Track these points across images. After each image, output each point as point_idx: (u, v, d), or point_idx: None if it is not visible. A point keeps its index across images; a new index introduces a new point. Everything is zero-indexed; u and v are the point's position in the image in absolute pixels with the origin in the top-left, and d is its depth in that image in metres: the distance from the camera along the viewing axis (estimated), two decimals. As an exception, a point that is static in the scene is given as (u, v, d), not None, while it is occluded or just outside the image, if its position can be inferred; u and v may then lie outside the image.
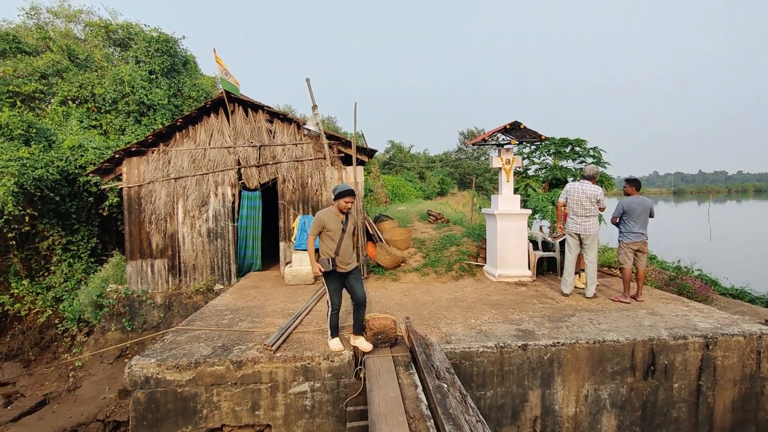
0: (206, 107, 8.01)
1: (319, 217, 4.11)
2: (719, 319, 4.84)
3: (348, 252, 4.20)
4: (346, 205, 4.09)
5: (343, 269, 4.18)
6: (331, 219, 4.11)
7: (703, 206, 49.60)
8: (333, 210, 4.15)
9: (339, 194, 4.06)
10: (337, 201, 4.09)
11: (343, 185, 4.11)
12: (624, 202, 5.79)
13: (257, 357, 4.04)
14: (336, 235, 4.10)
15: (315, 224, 4.12)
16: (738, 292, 8.30)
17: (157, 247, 8.02)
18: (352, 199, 4.11)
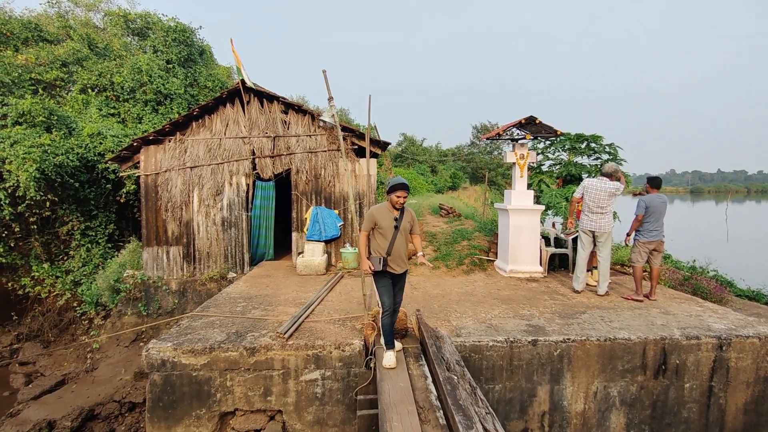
0: (222, 97, 8.09)
1: (372, 213, 3.87)
2: (734, 321, 4.78)
3: (400, 253, 3.89)
4: (398, 200, 3.76)
5: (395, 270, 3.89)
6: (383, 215, 3.83)
7: (720, 206, 48.63)
8: (386, 206, 3.88)
9: (391, 188, 3.77)
10: (389, 195, 3.80)
11: (396, 179, 3.77)
12: (645, 200, 5.65)
13: (270, 344, 4.12)
14: (388, 233, 3.82)
15: (367, 220, 3.88)
16: (754, 294, 8.17)
17: (173, 234, 8.17)
18: (404, 193, 3.76)
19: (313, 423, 4.15)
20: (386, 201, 3.90)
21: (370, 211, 3.89)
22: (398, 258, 3.89)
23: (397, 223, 3.84)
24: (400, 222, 3.85)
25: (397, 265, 3.90)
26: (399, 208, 3.84)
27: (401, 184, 3.75)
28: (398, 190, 3.74)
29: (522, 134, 7.12)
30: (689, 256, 9.87)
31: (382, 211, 3.85)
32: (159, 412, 4.09)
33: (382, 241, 3.84)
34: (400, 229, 3.85)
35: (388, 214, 3.84)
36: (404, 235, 3.92)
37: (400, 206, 3.83)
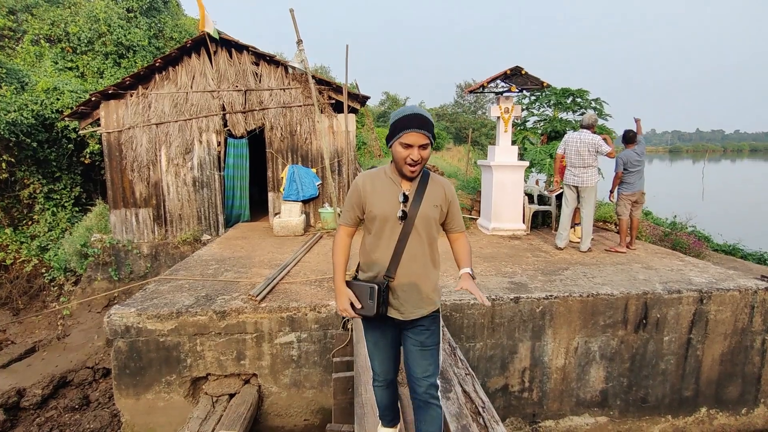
0: (187, 47, 7.46)
1: (356, 188, 1.97)
2: (714, 274, 4.76)
3: (417, 273, 1.92)
4: (411, 155, 1.79)
5: (402, 314, 1.94)
6: (380, 191, 1.93)
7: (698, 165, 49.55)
8: (386, 172, 1.95)
9: (397, 124, 1.80)
10: (393, 145, 1.84)
11: (408, 108, 1.84)
12: (621, 156, 5.79)
13: (241, 307, 3.91)
14: (389, 230, 1.91)
15: (348, 203, 2.01)
16: (731, 249, 8.29)
17: (141, 195, 7.74)
18: (424, 138, 1.79)
19: (289, 385, 4.03)
20: (387, 165, 1.99)
21: (355, 182, 1.99)
22: (411, 286, 1.92)
23: (406, 208, 1.88)
24: (417, 205, 1.88)
25: (409, 301, 1.92)
26: (413, 176, 1.87)
27: (417, 117, 1.77)
28: (411, 129, 1.76)
29: (507, 86, 6.79)
30: (669, 213, 9.93)
31: (376, 184, 1.94)
32: (126, 379, 3.90)
33: (378, 246, 1.93)
34: (415, 220, 1.88)
35: (390, 189, 1.91)
36: (426, 233, 1.92)
37: (416, 172, 1.85)
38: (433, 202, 1.90)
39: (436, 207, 1.90)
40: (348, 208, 2.00)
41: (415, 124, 1.74)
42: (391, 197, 1.89)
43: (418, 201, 1.87)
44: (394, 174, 1.91)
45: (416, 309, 1.92)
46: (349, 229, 2.02)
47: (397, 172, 1.88)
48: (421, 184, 1.89)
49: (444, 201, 1.93)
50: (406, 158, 1.78)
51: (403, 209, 1.86)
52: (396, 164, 1.85)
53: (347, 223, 2.01)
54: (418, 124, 1.74)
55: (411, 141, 1.76)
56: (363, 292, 1.89)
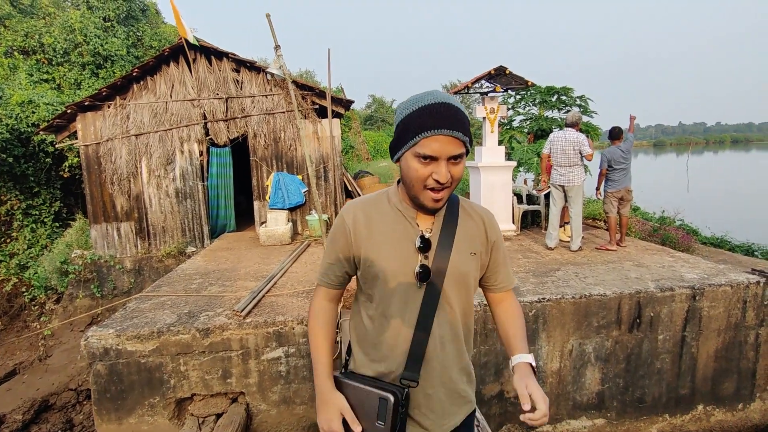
0: (164, 56, 7.29)
1: (342, 226, 1.24)
2: (706, 270, 4.73)
3: (449, 364, 1.23)
4: (438, 174, 1.06)
5: (424, 430, 1.21)
6: (383, 232, 1.21)
7: (681, 158, 50.29)
8: (392, 199, 1.24)
9: (413, 122, 1.06)
10: (405, 156, 1.11)
11: (429, 95, 1.08)
12: (605, 153, 5.80)
13: (226, 324, 3.76)
14: (400, 296, 1.19)
15: (328, 249, 1.30)
16: (718, 241, 8.32)
17: (122, 209, 7.54)
18: (457, 146, 1.06)
19: (279, 402, 3.89)
20: (392, 188, 1.28)
21: (341, 216, 1.26)
22: (441, 387, 1.22)
23: (428, 261, 1.18)
24: (444, 256, 1.19)
25: (438, 410, 1.22)
26: (437, 207, 1.15)
27: (446, 109, 1.04)
28: (438, 131, 1.04)
29: (492, 86, 6.74)
30: (656, 207, 9.97)
31: (375, 220, 1.22)
32: (107, 404, 3.73)
33: (385, 327, 1.22)
34: (444, 280, 1.19)
35: (398, 229, 1.21)
36: (460, 300, 1.23)
37: (443, 201, 1.13)
38: (470, 248, 1.20)
39: (474, 255, 1.21)
40: (329, 258, 1.26)
41: (444, 122, 1.01)
42: (402, 243, 1.17)
43: (447, 248, 1.16)
44: (404, 204, 1.19)
45: (448, 418, 1.22)
46: (332, 291, 1.29)
47: (409, 200, 1.17)
48: (448, 218, 1.19)
49: (484, 244, 1.24)
50: (427, 179, 1.06)
51: (423, 263, 1.15)
52: (408, 188, 1.12)
53: (329, 282, 1.27)
54: (449, 122, 1.01)
55: (436, 151, 1.03)
56: (367, 403, 1.14)
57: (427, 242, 1.17)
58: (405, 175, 1.13)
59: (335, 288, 1.31)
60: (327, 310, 1.32)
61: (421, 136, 1.04)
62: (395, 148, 1.14)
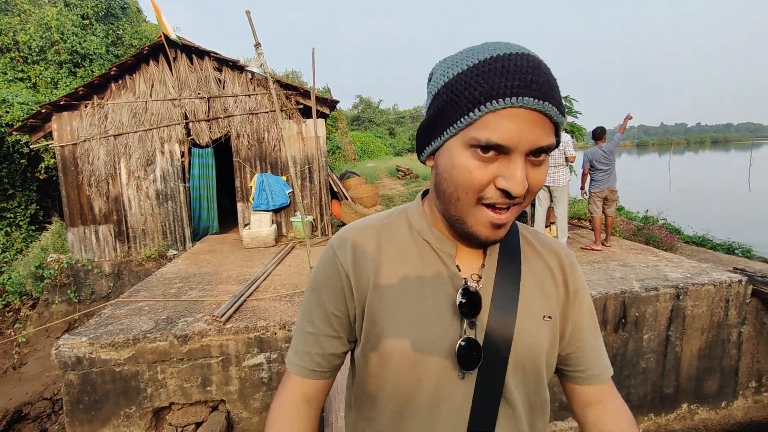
0: (144, 54, 7.10)
1: (332, 267, 0.75)
2: (689, 269, 4.76)
3: None
4: (511, 182, 0.60)
5: None
6: (403, 280, 0.72)
7: (664, 158, 51.20)
8: (415, 224, 0.76)
9: (470, 81, 0.60)
10: (447, 147, 0.64)
11: (496, 46, 0.61)
12: (587, 153, 5.84)
13: (205, 330, 3.65)
14: (429, 391, 0.69)
15: (305, 309, 0.78)
16: (700, 240, 8.42)
17: (101, 211, 7.32)
18: (546, 128, 0.60)
19: (261, 410, 3.79)
20: (412, 206, 0.80)
21: (331, 249, 0.77)
22: None
23: (476, 331, 0.69)
24: (505, 319, 0.70)
25: None
26: (495, 239, 0.67)
27: (528, 64, 0.58)
28: (521, 97, 0.57)
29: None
30: (640, 207, 10.08)
31: (387, 251, 0.75)
32: (80, 415, 3.59)
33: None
34: (508, 362, 0.70)
35: (425, 266, 0.73)
36: (529, 394, 0.74)
37: (506, 226, 0.66)
38: (543, 309, 0.75)
39: (549, 321, 0.74)
40: (310, 322, 0.77)
41: (529, 85, 0.58)
42: (432, 298, 0.71)
43: (508, 307, 0.71)
44: (435, 231, 0.75)
45: None
46: (311, 383, 0.77)
47: (445, 226, 0.74)
48: (506, 257, 0.75)
49: (563, 301, 0.77)
50: (486, 188, 0.62)
51: (467, 336, 0.69)
52: (447, 203, 0.67)
53: (308, 366, 0.77)
54: (537, 86, 0.58)
55: (511, 136, 0.59)
56: None
57: (475, 298, 0.69)
58: (445, 180, 0.65)
59: (318, 377, 0.76)
60: (299, 419, 0.75)
61: (485, 108, 0.58)
62: (429, 133, 0.67)
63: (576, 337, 0.78)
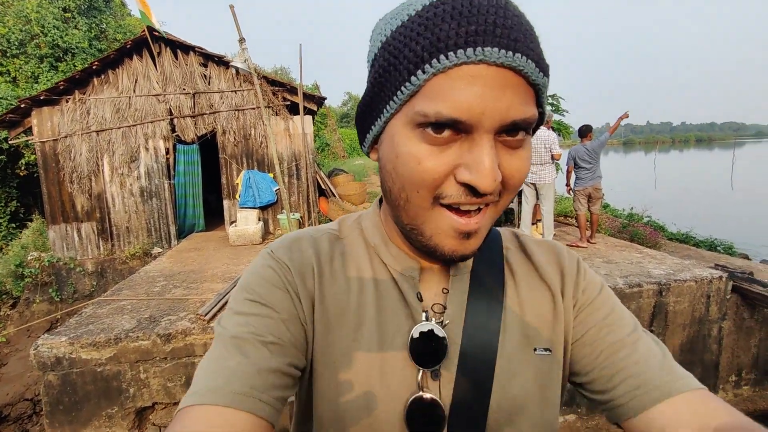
0: (127, 48, 6.97)
1: (280, 268, 0.55)
2: (671, 266, 4.84)
3: None
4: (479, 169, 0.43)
5: None
6: (347, 301, 0.56)
7: (650, 156, 52.01)
8: (370, 233, 0.60)
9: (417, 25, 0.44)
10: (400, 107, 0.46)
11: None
12: (571, 151, 5.89)
13: (189, 328, 3.60)
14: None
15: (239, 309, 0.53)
16: (684, 237, 8.58)
17: (83, 209, 7.19)
18: (519, 84, 0.43)
19: (246, 409, 3.75)
20: (367, 215, 0.63)
21: (269, 254, 0.57)
22: None
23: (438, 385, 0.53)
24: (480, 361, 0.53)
25: None
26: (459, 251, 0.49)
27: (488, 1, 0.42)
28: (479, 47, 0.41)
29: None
30: (625, 204, 10.22)
31: (336, 272, 0.58)
32: (60, 416, 3.52)
33: None
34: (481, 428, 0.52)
35: (382, 294, 0.56)
36: None
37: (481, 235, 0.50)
38: (533, 339, 0.56)
39: (546, 355, 0.56)
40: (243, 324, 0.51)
41: (490, 30, 0.41)
42: (389, 338, 0.54)
43: (485, 344, 0.54)
44: (391, 247, 0.58)
45: None
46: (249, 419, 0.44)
47: (400, 238, 0.58)
48: (482, 273, 0.58)
49: (568, 316, 0.58)
50: (443, 183, 0.46)
51: (420, 394, 0.51)
52: (397, 207, 0.50)
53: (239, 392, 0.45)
54: (501, 30, 0.41)
55: (471, 105, 0.42)
56: None
57: (434, 341, 0.53)
58: (389, 176, 0.50)
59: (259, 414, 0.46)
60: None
61: (430, 68, 0.42)
62: (367, 115, 0.52)
63: (609, 357, 0.54)
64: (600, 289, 0.60)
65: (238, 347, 0.48)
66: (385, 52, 0.47)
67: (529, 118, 0.44)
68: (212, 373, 0.47)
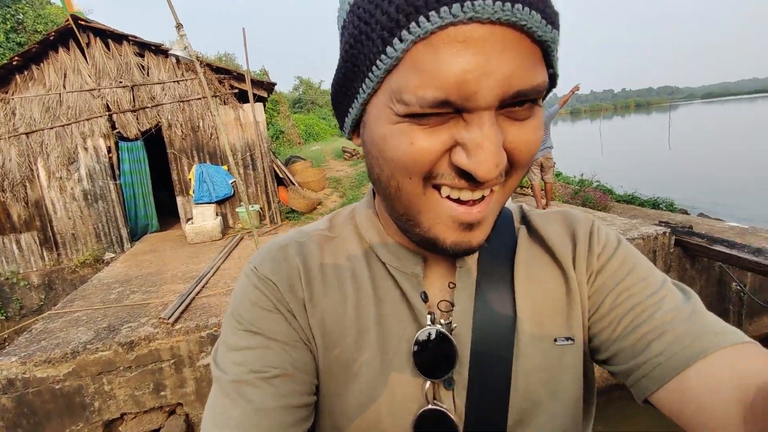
0: (50, 40, 6.42)
1: (267, 287, 0.50)
2: (621, 226, 5.12)
3: None
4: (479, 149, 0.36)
5: None
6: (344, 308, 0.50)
7: (595, 123, 54.40)
8: (366, 227, 0.54)
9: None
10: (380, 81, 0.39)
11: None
12: None
13: (152, 333, 3.46)
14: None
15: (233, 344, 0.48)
16: (630, 198, 9.10)
17: (20, 218, 6.67)
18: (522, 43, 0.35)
19: (221, 407, 3.69)
20: (361, 207, 0.57)
21: (252, 271, 0.53)
22: None
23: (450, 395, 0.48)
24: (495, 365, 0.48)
25: None
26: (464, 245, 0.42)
27: None
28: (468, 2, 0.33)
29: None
30: (576, 171, 10.69)
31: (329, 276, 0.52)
32: (19, 439, 3.32)
33: None
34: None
35: (382, 296, 0.51)
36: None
37: (480, 224, 0.42)
38: (553, 328, 0.50)
39: (568, 344, 0.50)
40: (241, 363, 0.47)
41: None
42: (392, 343, 0.49)
43: (499, 345, 0.48)
44: (389, 242, 0.53)
45: None
46: None
47: (396, 231, 0.52)
48: (487, 267, 0.52)
49: (582, 295, 0.51)
50: (435, 166, 0.39)
51: (429, 408, 0.47)
52: (388, 197, 0.44)
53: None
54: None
55: (462, 80, 0.35)
56: None
57: (442, 346, 0.48)
58: (375, 161, 0.43)
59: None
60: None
61: (408, 35, 0.35)
62: (344, 94, 0.45)
63: (623, 322, 0.47)
64: (615, 248, 0.52)
65: (239, 392, 0.44)
66: (355, 17, 0.39)
67: (537, 85, 0.37)
68: (217, 427, 0.44)
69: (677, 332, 0.43)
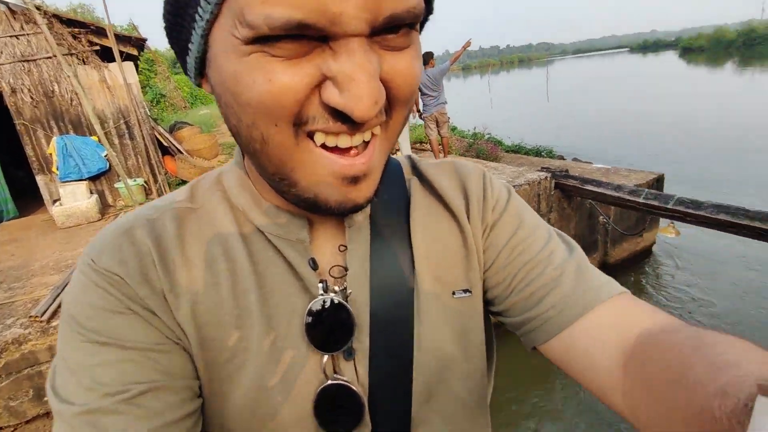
0: None
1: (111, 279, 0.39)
2: (510, 174, 5.57)
3: None
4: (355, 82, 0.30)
5: None
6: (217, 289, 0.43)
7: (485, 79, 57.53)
8: (236, 192, 0.46)
9: None
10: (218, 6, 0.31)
11: None
12: None
13: (23, 335, 3.01)
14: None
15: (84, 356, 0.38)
16: (517, 148, 9.92)
17: None
18: None
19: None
20: (230, 170, 0.49)
21: (87, 264, 0.41)
22: None
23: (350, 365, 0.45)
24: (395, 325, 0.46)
25: None
26: (351, 201, 0.37)
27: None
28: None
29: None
30: (470, 125, 11.29)
31: (193, 252, 0.44)
32: None
33: None
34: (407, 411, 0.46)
35: (262, 270, 0.44)
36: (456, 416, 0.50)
37: (365, 177, 0.37)
38: (449, 282, 0.49)
39: (465, 296, 0.49)
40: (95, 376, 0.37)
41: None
42: (281, 320, 0.44)
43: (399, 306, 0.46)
44: (265, 205, 0.45)
45: None
46: None
47: (272, 192, 0.44)
48: (381, 223, 0.48)
49: (477, 246, 0.50)
50: (302, 108, 0.33)
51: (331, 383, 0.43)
52: (253, 155, 0.37)
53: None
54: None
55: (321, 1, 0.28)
56: None
57: (338, 315, 0.43)
58: (229, 108, 0.35)
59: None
60: None
61: None
62: (178, 23, 0.36)
63: (518, 277, 0.48)
64: (507, 201, 0.52)
65: (94, 425, 0.35)
66: None
67: (413, 7, 0.32)
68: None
69: (564, 288, 0.45)
